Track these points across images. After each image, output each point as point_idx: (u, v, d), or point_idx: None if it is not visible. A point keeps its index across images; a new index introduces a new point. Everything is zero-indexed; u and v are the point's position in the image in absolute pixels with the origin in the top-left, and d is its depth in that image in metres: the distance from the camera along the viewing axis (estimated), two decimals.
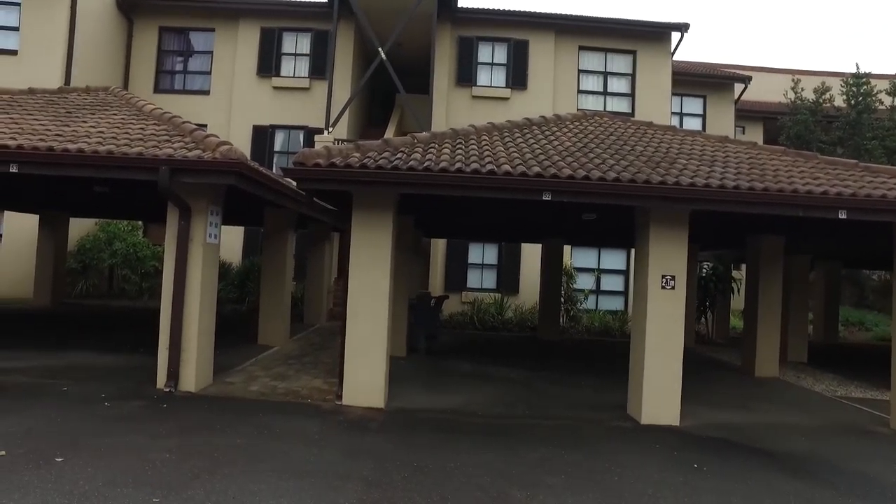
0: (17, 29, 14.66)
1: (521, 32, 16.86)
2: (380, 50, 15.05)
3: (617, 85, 17.47)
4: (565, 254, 14.85)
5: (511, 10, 16.96)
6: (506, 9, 17.03)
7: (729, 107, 19.79)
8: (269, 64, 16.73)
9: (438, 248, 16.44)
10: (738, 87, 19.73)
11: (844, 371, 11.19)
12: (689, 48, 66.78)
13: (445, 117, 16.06)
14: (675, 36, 17.16)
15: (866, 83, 18.37)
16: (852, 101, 18.45)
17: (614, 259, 16.92)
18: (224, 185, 6.80)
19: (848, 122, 18.17)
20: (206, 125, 14.05)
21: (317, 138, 14.79)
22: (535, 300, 15.36)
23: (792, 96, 19.09)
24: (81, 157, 6.48)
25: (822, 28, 71.47)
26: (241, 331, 11.08)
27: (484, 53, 17.06)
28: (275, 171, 12.49)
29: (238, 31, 16.85)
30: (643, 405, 6.74)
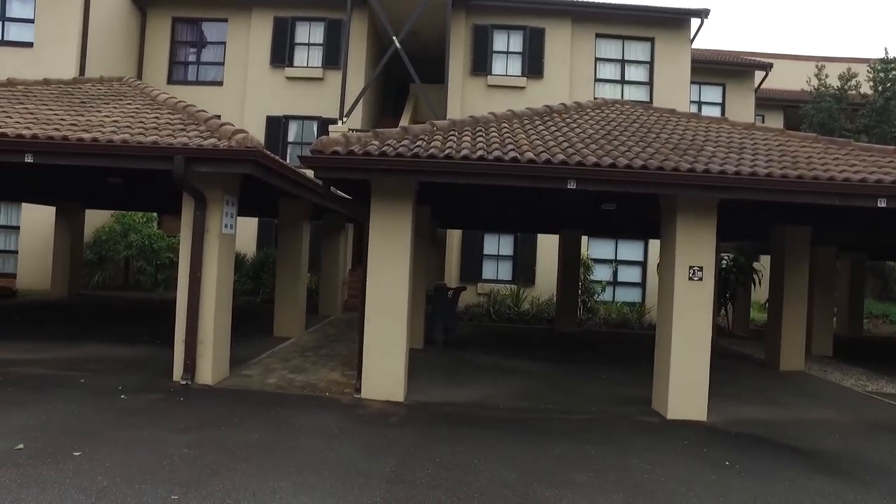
0: (31, 21, 14.65)
1: (536, 20, 16.56)
2: (394, 38, 14.85)
3: (634, 73, 17.14)
4: (582, 245, 14.62)
5: None
6: None
7: (749, 95, 19.35)
8: (282, 54, 16.58)
9: (453, 239, 16.28)
10: (758, 76, 19.29)
11: (872, 365, 10.89)
12: (707, 35, 65.85)
13: (460, 107, 15.83)
14: (695, 22, 16.78)
15: None
16: (879, 88, 17.92)
17: (631, 250, 16.68)
18: (239, 174, 6.68)
19: (874, 110, 17.66)
20: (219, 116, 13.93)
21: (331, 128, 14.62)
22: (552, 292, 15.18)
23: (815, 83, 18.59)
24: (95, 146, 6.39)
25: (846, 14, 69.98)
26: (257, 322, 11.01)
27: (499, 42, 16.79)
28: (289, 163, 12.36)
29: (251, 20, 16.70)
30: (669, 399, 6.55)
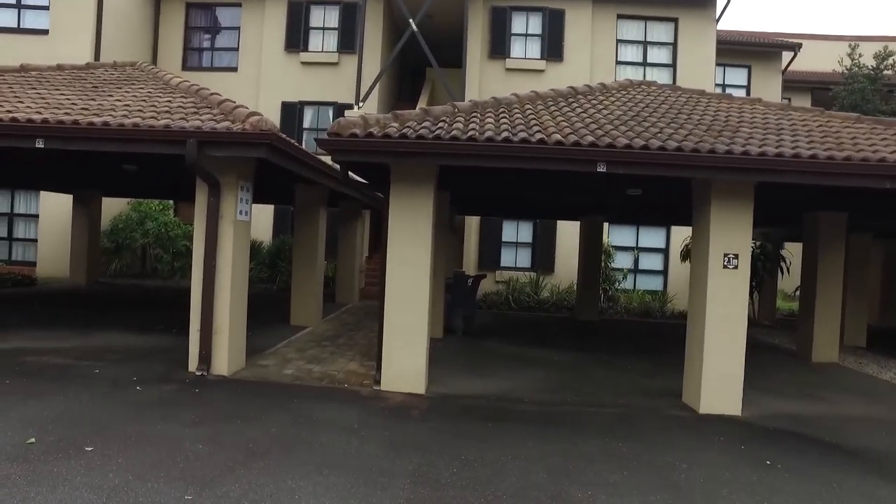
0: (46, 9, 14.54)
1: (556, 1, 16.08)
2: (410, 21, 14.51)
3: (657, 55, 16.61)
4: (603, 232, 14.27)
5: None
6: None
7: (776, 77, 18.74)
8: (296, 39, 16.29)
9: (472, 226, 16.00)
10: (786, 57, 18.64)
11: None
12: (733, 15, 64.04)
13: (479, 91, 15.47)
14: (721, 2, 16.23)
15: None
16: None
17: (654, 237, 16.28)
18: (254, 158, 6.45)
19: None
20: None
21: (347, 113, 14.35)
22: (572, 279, 14.87)
23: (848, 63, 17.89)
24: (107, 130, 6.19)
25: None
26: (273, 311, 10.85)
27: (518, 24, 16.35)
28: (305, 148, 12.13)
29: (265, 5, 16.42)
30: (702, 393, 6.25)
